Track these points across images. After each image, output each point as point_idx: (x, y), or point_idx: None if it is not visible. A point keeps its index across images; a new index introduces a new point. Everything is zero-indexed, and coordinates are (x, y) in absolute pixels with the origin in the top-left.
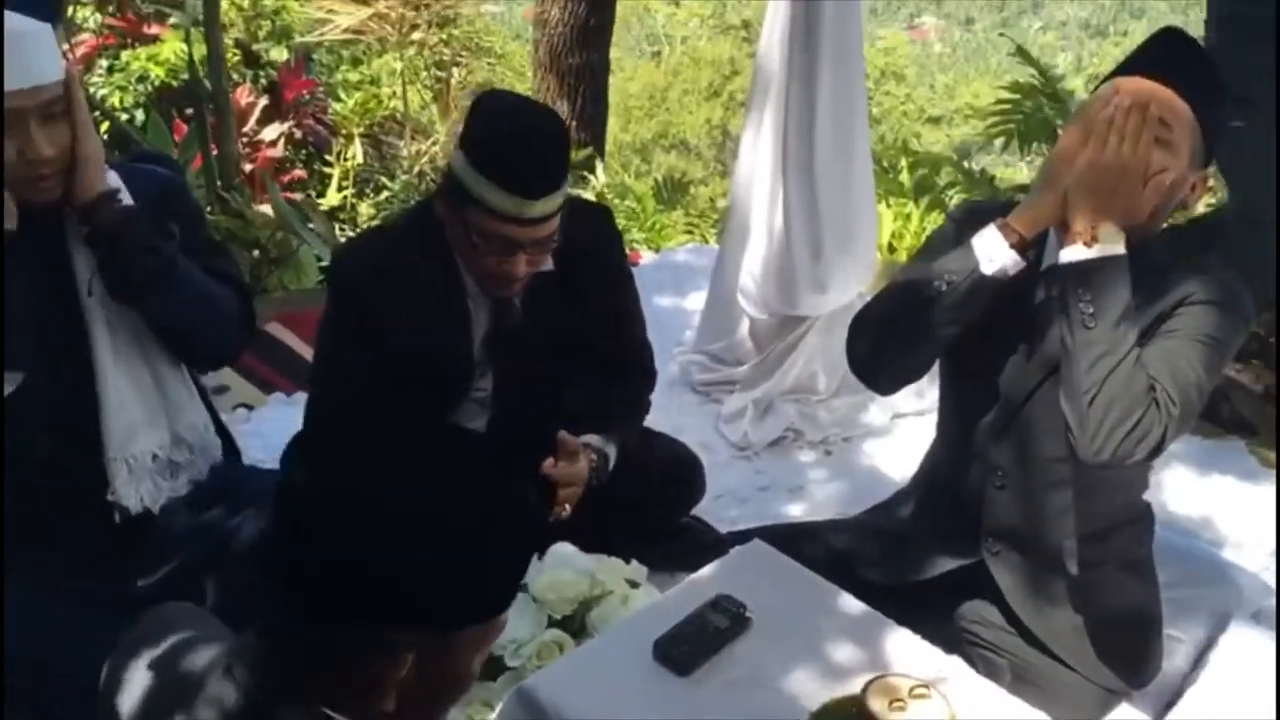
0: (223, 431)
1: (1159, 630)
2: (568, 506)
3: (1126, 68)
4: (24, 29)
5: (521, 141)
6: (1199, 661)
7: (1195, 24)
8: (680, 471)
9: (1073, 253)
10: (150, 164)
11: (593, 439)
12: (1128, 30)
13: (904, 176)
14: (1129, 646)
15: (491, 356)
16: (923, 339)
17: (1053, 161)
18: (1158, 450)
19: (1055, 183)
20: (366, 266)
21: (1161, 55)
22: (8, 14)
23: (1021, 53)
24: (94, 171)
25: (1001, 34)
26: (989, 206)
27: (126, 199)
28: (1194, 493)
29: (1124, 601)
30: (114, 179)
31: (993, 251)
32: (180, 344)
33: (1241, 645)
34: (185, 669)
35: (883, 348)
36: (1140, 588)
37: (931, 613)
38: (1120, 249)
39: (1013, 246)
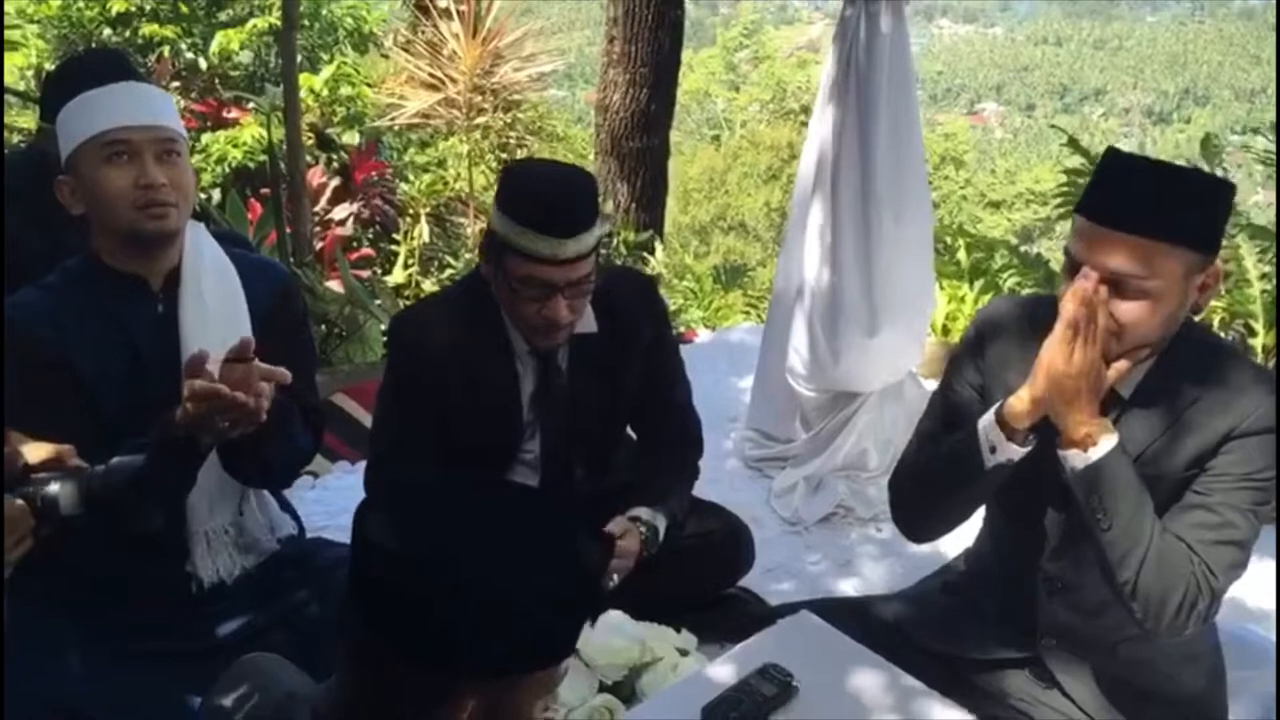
0: (286, 505)
1: (1213, 712)
2: (616, 576)
3: (1091, 206)
4: (149, 87)
5: (550, 186)
6: None
7: (1261, 111)
8: (730, 541)
9: (1072, 460)
10: (241, 247)
11: (642, 511)
12: (1191, 117)
13: (960, 256)
14: None
15: (539, 417)
16: (956, 507)
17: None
18: (1208, 617)
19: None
20: (420, 331)
21: (1126, 206)
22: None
23: (1072, 142)
24: None
25: (1053, 126)
26: (1006, 315)
27: None
28: (1244, 576)
29: (1184, 692)
30: (230, 275)
31: (994, 443)
32: (243, 476)
33: None
34: (273, 713)
35: (919, 512)
36: (1200, 682)
37: (978, 688)
38: (1114, 439)
39: (1010, 439)
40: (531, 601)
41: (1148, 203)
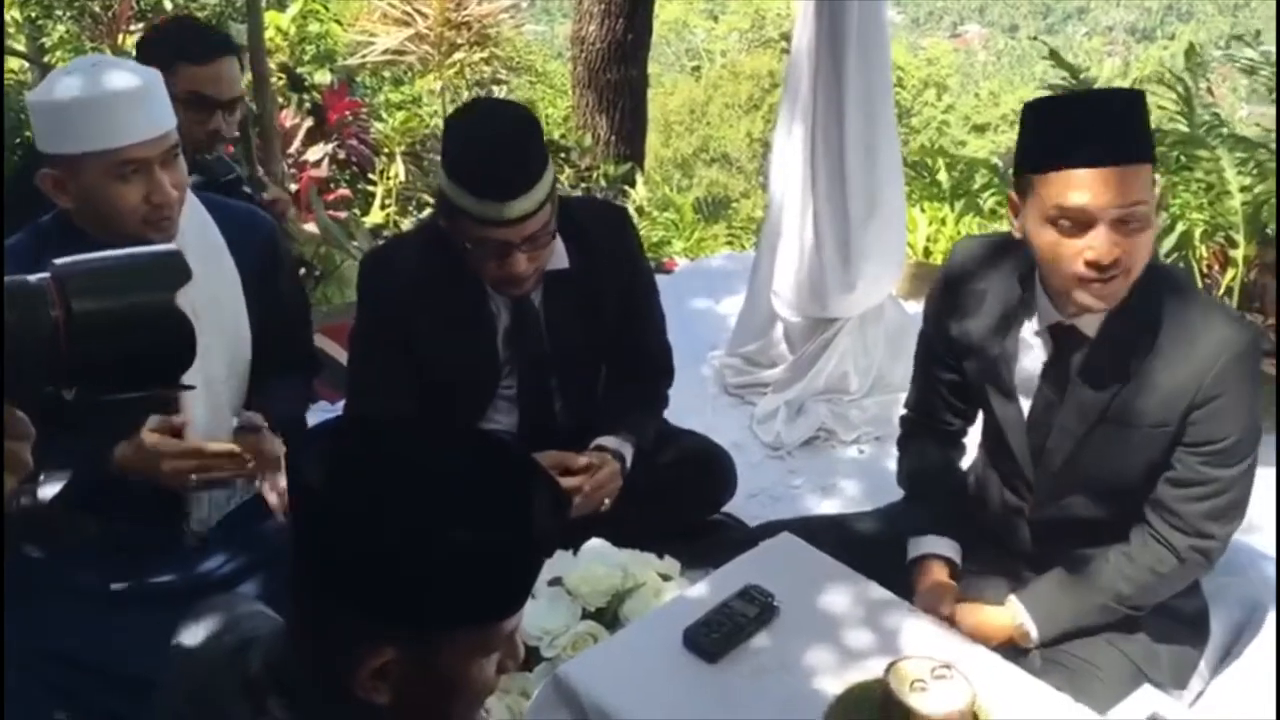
0: None
1: (1204, 632)
2: (608, 500)
3: (1063, 153)
4: (142, 81)
5: (483, 148)
6: (1230, 650)
7: (1246, 22)
8: (712, 468)
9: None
10: (225, 173)
11: (608, 441)
12: (1175, 33)
13: (941, 177)
14: (1173, 652)
15: (516, 354)
16: None
17: None
18: (1215, 561)
19: None
20: (391, 270)
21: (1103, 140)
22: (122, 66)
23: (1054, 55)
24: None
25: (1034, 38)
26: (969, 260)
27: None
28: None
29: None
30: (211, 233)
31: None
32: None
33: (1270, 635)
34: (229, 657)
35: None
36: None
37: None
38: (1032, 633)
39: None
40: (446, 553)
41: (1116, 130)
